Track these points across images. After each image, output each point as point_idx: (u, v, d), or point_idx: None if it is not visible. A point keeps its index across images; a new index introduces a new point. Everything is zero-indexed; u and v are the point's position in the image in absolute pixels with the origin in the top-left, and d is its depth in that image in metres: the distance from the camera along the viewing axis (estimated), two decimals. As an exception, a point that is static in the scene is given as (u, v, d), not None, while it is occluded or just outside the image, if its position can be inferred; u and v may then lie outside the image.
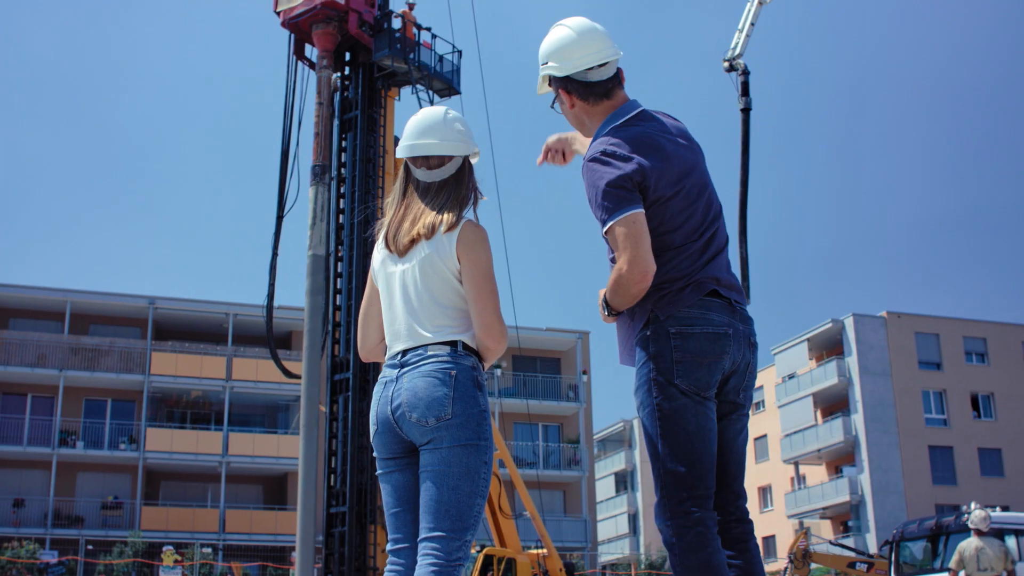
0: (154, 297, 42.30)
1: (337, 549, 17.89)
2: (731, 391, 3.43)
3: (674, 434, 3.32)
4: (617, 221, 3.26)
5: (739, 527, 3.45)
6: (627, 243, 3.24)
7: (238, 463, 41.76)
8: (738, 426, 3.49)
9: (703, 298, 3.36)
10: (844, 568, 24.53)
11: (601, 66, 3.49)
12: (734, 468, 3.47)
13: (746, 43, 10.50)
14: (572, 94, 3.53)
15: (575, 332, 48.86)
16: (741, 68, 10.19)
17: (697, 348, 3.32)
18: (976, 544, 11.67)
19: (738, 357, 3.40)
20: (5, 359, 40.08)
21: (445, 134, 3.45)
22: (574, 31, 3.51)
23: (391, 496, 3.39)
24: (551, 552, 21.58)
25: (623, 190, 3.28)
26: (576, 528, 46.06)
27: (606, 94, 3.51)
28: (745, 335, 3.44)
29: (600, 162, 3.34)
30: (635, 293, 3.29)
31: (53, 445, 39.85)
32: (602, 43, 3.50)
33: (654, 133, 3.41)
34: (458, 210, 3.39)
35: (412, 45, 19.61)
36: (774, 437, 56.23)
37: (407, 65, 19.20)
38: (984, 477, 50.71)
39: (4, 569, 34.07)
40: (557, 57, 3.52)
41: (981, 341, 53.38)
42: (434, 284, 3.35)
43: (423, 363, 3.29)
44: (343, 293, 18.96)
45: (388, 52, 19.15)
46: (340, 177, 19.40)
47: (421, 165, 3.46)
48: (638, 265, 3.23)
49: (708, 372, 3.32)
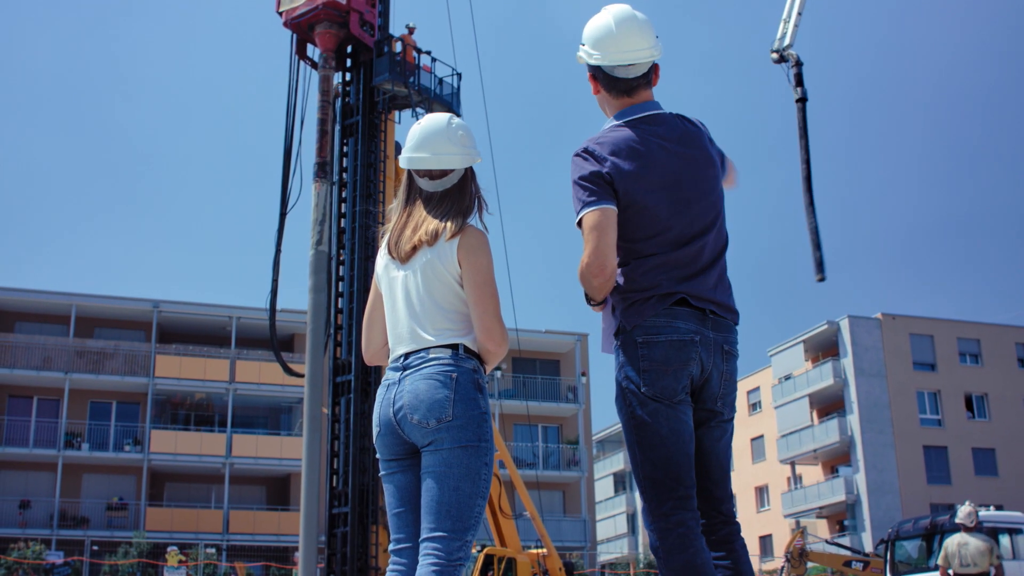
0: (158, 301, 42.30)
1: (339, 549, 17.88)
2: (708, 399, 3.42)
3: (648, 440, 3.33)
4: (586, 213, 3.29)
5: (725, 529, 3.45)
6: (591, 235, 3.27)
7: (241, 464, 41.74)
8: (717, 433, 3.47)
9: (670, 307, 3.34)
10: (840, 567, 24.51)
11: (630, 65, 3.48)
12: (716, 473, 3.46)
13: (795, 32, 10.15)
14: (599, 82, 3.54)
15: (574, 334, 48.86)
16: (794, 59, 9.89)
17: (662, 356, 3.32)
18: (959, 540, 11.61)
19: (708, 364, 3.37)
20: (11, 362, 40.06)
21: (445, 147, 3.42)
22: (615, 24, 3.48)
23: (393, 496, 3.39)
24: (551, 552, 21.57)
25: (595, 186, 3.31)
26: (575, 528, 46.04)
27: (628, 91, 3.50)
28: (717, 343, 3.40)
29: (581, 157, 3.38)
30: (596, 285, 3.31)
31: (59, 447, 39.84)
32: (639, 43, 3.46)
33: (648, 138, 3.40)
34: (461, 219, 3.38)
35: (412, 69, 19.64)
36: (771, 437, 56.21)
37: (407, 89, 19.23)
38: (978, 477, 50.70)
39: (11, 569, 34.04)
40: (593, 44, 3.51)
41: (975, 342, 53.39)
42: (436, 288, 3.35)
43: (425, 366, 3.29)
44: (345, 296, 18.95)
45: (388, 76, 19.16)
46: (342, 182, 19.40)
47: (423, 175, 3.45)
48: (597, 258, 3.26)
49: (674, 379, 3.32)
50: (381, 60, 19.30)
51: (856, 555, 25.14)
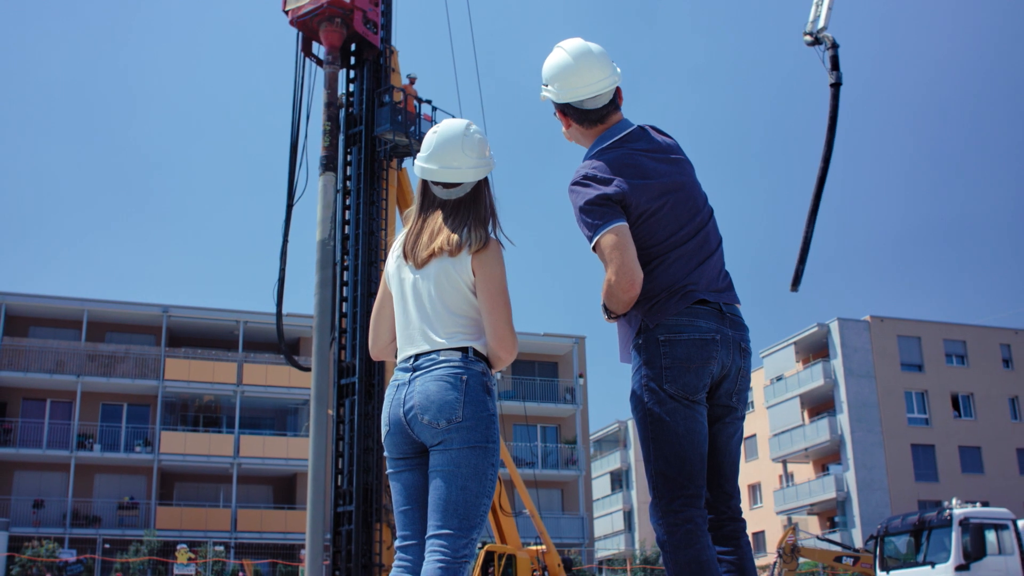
0: (167, 306, 42.29)
1: (344, 546, 17.86)
2: (724, 395, 3.44)
3: (664, 437, 3.33)
4: (602, 235, 3.29)
5: (732, 525, 3.45)
6: (613, 254, 3.26)
7: (249, 464, 41.72)
8: (731, 429, 3.49)
9: (691, 306, 3.36)
10: (831, 562, 24.53)
11: (597, 96, 3.49)
12: (727, 470, 3.47)
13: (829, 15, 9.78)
14: (568, 117, 3.55)
15: (572, 337, 48.85)
16: (829, 41, 9.51)
17: (685, 354, 3.33)
18: None
19: (727, 362, 3.40)
20: (25, 366, 40.07)
21: (458, 159, 3.40)
22: (572, 59, 3.48)
23: (401, 494, 3.39)
24: (550, 548, 21.58)
25: (603, 207, 3.31)
26: (573, 525, 46.03)
27: (600, 119, 3.52)
28: (735, 341, 3.43)
29: (581, 185, 3.37)
30: (626, 300, 3.30)
31: (71, 448, 39.82)
32: (599, 72, 3.48)
33: (635, 153, 3.43)
34: (483, 230, 3.36)
35: (413, 119, 19.65)
36: (763, 437, 56.22)
37: (408, 139, 19.26)
38: (965, 474, 50.70)
39: (25, 567, 34.01)
40: (555, 83, 3.52)
41: (961, 344, 53.40)
42: (448, 294, 3.34)
43: (435, 367, 3.29)
44: (349, 301, 18.93)
45: (390, 127, 19.16)
46: (346, 189, 19.38)
47: (438, 183, 3.44)
48: (625, 274, 3.25)
49: (696, 377, 3.33)
50: (382, 110, 19.32)
51: (846, 551, 25.15)
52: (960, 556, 17.90)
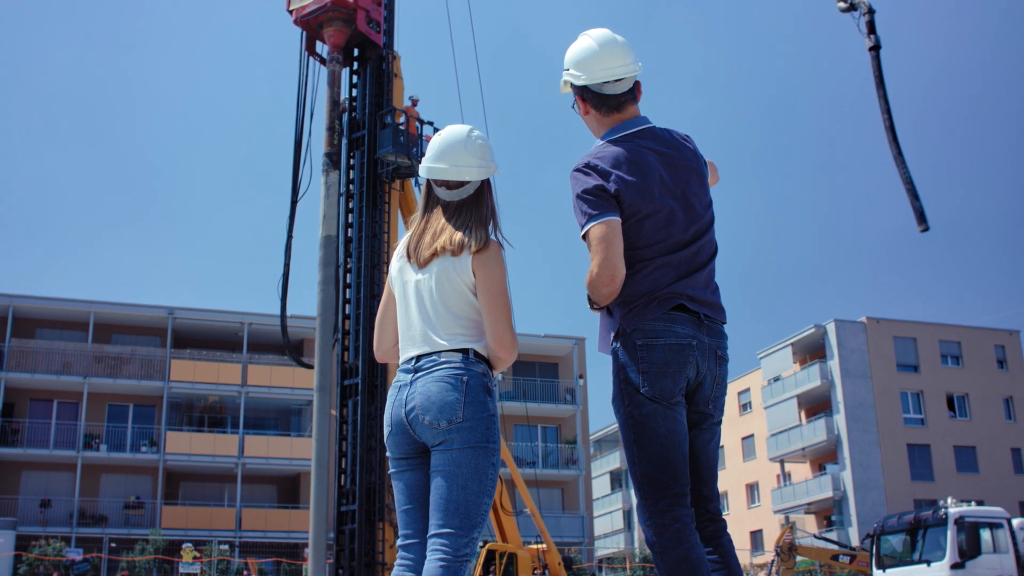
0: (173, 307, 42.31)
1: (347, 545, 17.87)
2: (700, 402, 3.43)
3: (646, 439, 3.33)
4: (592, 225, 3.29)
5: (712, 525, 3.46)
6: (599, 247, 3.26)
7: (253, 464, 41.73)
8: (708, 435, 3.48)
9: (669, 312, 3.36)
10: (828, 560, 24.52)
11: (617, 81, 3.50)
12: (705, 474, 3.47)
13: None
14: (587, 102, 3.55)
15: (572, 338, 48.85)
16: (865, 7, 9.45)
17: (662, 359, 3.32)
18: None
19: (703, 368, 3.39)
20: (32, 367, 40.11)
21: (463, 159, 3.44)
22: (597, 44, 3.51)
23: (403, 494, 3.39)
24: (550, 547, 21.57)
25: (600, 198, 3.31)
26: (574, 524, 46.01)
27: (617, 107, 3.52)
28: (711, 348, 3.42)
29: (582, 172, 3.37)
30: (606, 294, 3.30)
31: (78, 448, 39.84)
32: (622, 59, 3.50)
33: (642, 151, 3.41)
34: (484, 231, 3.38)
35: (415, 140, 19.65)
36: (760, 437, 56.20)
37: (410, 160, 19.27)
38: (960, 473, 50.67)
39: (32, 566, 34.02)
40: (577, 66, 3.53)
41: (956, 344, 53.39)
42: (449, 296, 3.36)
43: (436, 368, 3.30)
44: (352, 303, 18.93)
45: (392, 149, 19.15)
46: (348, 193, 19.38)
47: (441, 184, 3.47)
48: (607, 269, 3.25)
49: (673, 382, 3.33)
50: (384, 132, 19.31)
51: (843, 549, 25.14)
52: (955, 554, 17.92)
